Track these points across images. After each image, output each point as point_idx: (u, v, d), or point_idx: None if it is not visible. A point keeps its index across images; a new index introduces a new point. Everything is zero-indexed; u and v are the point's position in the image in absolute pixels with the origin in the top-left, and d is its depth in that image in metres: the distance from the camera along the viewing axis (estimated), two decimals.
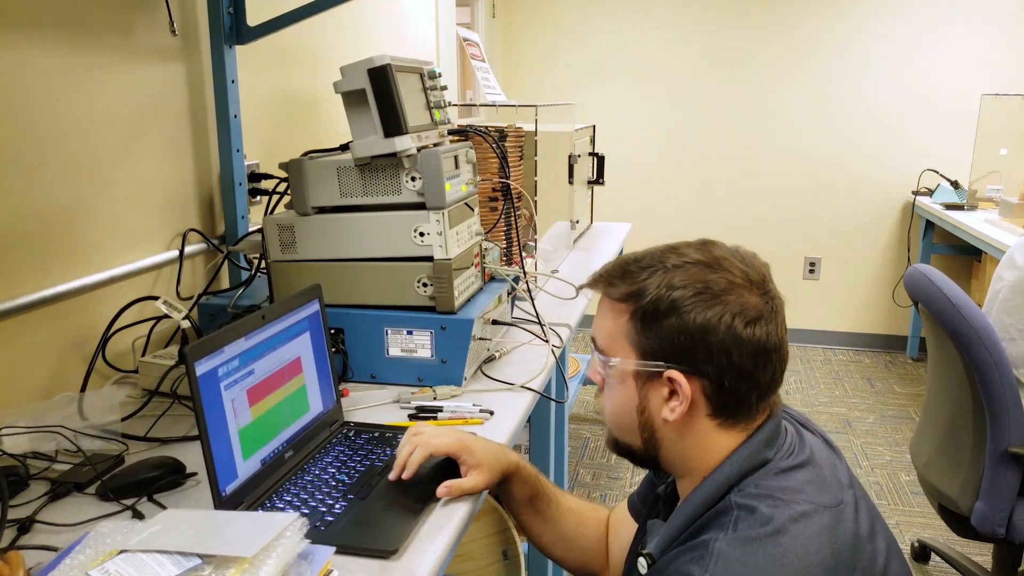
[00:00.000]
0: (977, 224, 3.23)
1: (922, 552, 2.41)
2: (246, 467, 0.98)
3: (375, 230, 1.36)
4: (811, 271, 4.34)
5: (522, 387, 1.39)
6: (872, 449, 3.16)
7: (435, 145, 1.42)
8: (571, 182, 2.54)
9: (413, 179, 1.33)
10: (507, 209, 1.94)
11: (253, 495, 0.98)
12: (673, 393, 0.83)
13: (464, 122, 2.94)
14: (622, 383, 0.87)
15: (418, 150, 1.33)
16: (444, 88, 1.51)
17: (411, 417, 1.27)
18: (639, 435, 0.88)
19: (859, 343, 4.36)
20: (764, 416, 0.85)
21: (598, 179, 2.93)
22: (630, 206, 4.34)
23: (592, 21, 4.28)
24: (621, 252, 2.86)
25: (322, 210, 1.39)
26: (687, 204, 4.35)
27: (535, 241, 2.08)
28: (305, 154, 1.41)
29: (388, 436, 1.17)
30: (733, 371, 0.81)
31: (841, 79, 4.09)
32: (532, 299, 1.61)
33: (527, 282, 1.61)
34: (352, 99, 1.31)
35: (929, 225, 3.98)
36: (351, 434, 1.18)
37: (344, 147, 1.42)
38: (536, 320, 1.61)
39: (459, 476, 1.02)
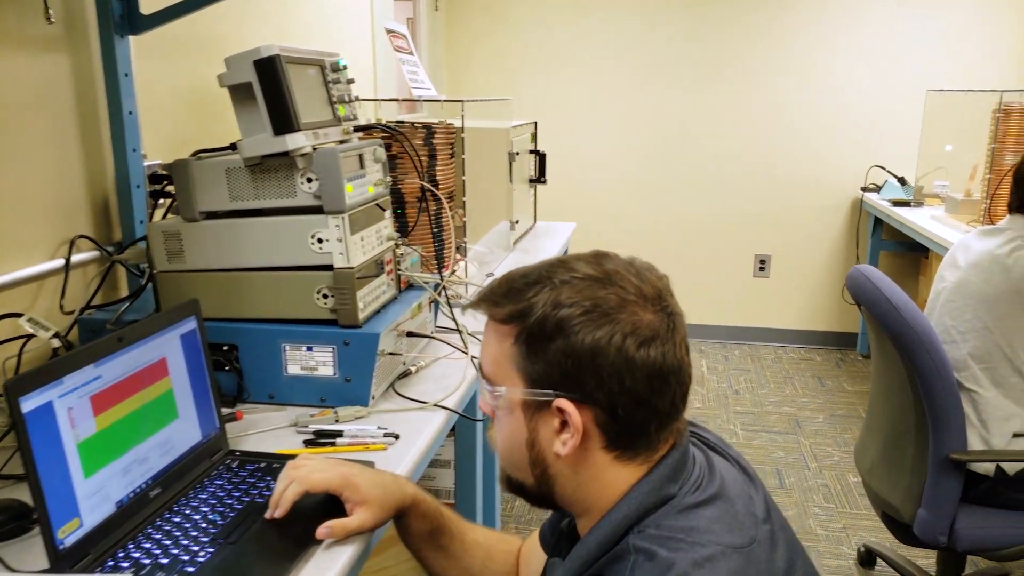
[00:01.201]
0: (923, 221, 3.21)
1: (868, 557, 2.36)
2: (94, 511, 0.85)
3: (269, 236, 1.24)
4: (761, 269, 4.30)
5: (435, 406, 1.28)
6: (821, 450, 3.12)
7: (340, 143, 1.31)
8: (510, 180, 2.44)
9: (309, 180, 1.22)
10: (436, 211, 1.83)
11: (102, 545, 0.85)
12: (564, 424, 0.73)
13: (407, 118, 2.81)
14: (510, 414, 0.77)
15: (314, 148, 1.22)
16: (351, 81, 1.39)
17: (307, 443, 1.15)
18: (531, 472, 0.78)
19: (810, 340, 4.34)
20: (667, 446, 0.76)
21: (540, 178, 2.84)
22: (579, 205, 4.25)
23: (539, 16, 4.18)
24: (565, 252, 2.76)
25: (212, 215, 1.27)
26: (636, 203, 4.28)
27: (465, 243, 1.97)
28: (193, 154, 1.29)
29: (275, 467, 1.05)
30: (626, 397, 0.71)
31: (788, 75, 4.06)
32: (450, 306, 1.50)
33: (444, 288, 1.50)
34: (239, 93, 1.19)
35: (877, 222, 3.97)
36: (235, 465, 1.07)
37: (234, 146, 1.30)
38: (456, 329, 1.51)
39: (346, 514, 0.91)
